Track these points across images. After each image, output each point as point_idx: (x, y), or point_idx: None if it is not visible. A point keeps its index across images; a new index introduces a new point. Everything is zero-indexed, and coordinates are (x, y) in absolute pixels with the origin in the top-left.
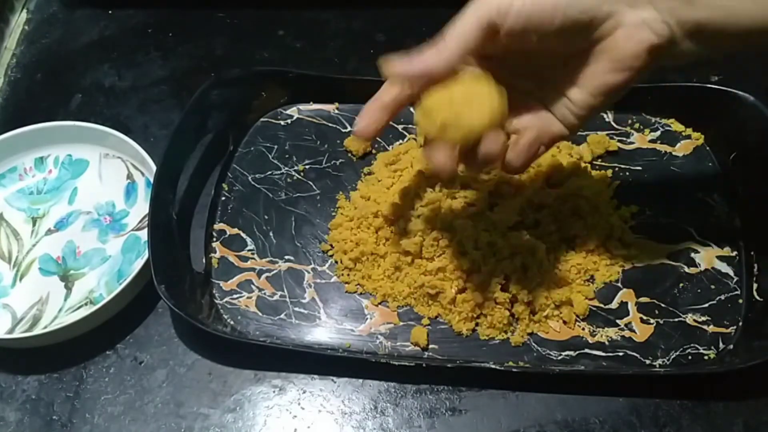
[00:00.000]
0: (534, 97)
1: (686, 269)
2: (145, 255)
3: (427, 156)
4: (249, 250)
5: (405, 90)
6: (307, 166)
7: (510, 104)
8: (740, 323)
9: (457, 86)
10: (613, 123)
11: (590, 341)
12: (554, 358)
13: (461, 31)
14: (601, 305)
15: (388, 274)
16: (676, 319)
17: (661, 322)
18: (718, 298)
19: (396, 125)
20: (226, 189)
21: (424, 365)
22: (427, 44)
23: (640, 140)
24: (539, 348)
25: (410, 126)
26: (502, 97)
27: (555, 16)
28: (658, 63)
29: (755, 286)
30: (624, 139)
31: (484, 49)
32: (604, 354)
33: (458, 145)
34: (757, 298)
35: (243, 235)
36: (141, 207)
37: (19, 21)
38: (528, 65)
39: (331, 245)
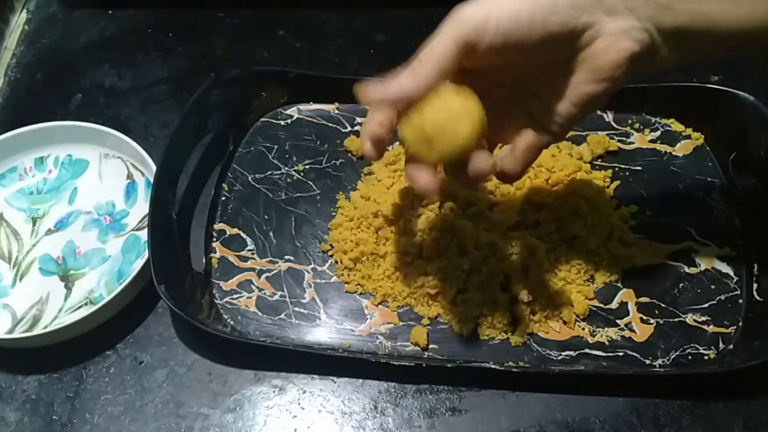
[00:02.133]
0: (516, 106)
1: (686, 269)
2: (145, 255)
3: (409, 176)
4: (249, 250)
5: (388, 113)
6: (307, 166)
7: (493, 114)
8: (740, 323)
9: (436, 103)
10: (613, 123)
11: (590, 341)
12: (554, 358)
13: (437, 51)
14: (601, 305)
15: (388, 274)
16: (676, 319)
17: (661, 322)
18: (718, 298)
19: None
20: (226, 189)
21: (424, 365)
22: (402, 66)
23: (640, 140)
24: (539, 348)
25: None
26: (481, 112)
27: (533, 30)
28: (641, 69)
29: (755, 286)
30: (624, 139)
31: (462, 65)
32: (604, 354)
33: (441, 162)
34: (757, 298)
35: (243, 235)
36: (141, 207)
37: (19, 21)
38: (508, 76)
39: (331, 245)
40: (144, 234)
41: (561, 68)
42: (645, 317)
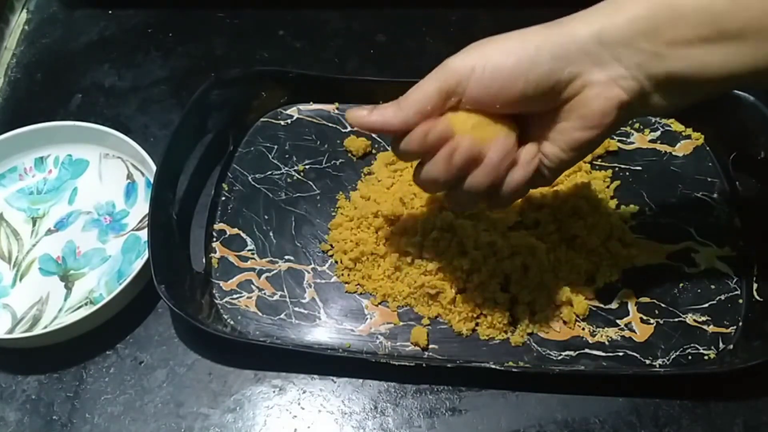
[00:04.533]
0: None
1: (686, 269)
2: (145, 255)
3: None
4: (249, 250)
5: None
6: (307, 166)
7: None
8: (740, 323)
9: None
10: None
11: (590, 341)
12: (554, 358)
13: (421, 96)
14: (601, 305)
15: (388, 274)
16: (676, 319)
17: (661, 322)
18: (718, 298)
19: None
20: (226, 189)
21: (424, 365)
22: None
23: (640, 140)
24: (539, 348)
25: None
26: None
27: (515, 82)
28: (629, 118)
29: (755, 286)
30: (624, 139)
31: (452, 108)
32: (604, 354)
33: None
34: (757, 298)
35: (243, 235)
36: (141, 207)
37: (19, 21)
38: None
39: (331, 245)
40: (144, 234)
41: (550, 116)
42: (645, 317)
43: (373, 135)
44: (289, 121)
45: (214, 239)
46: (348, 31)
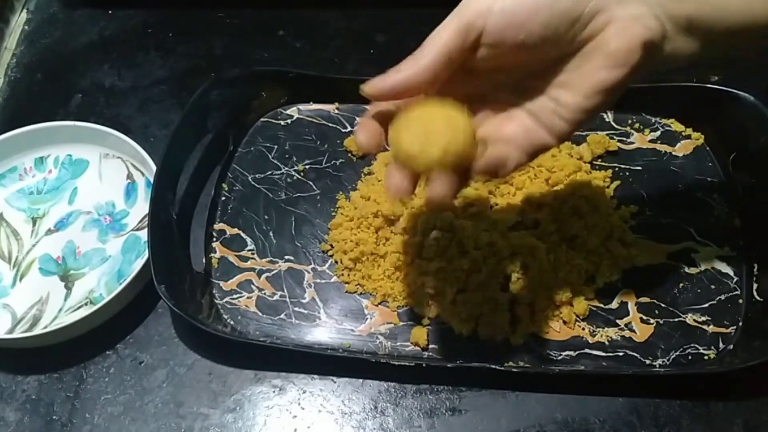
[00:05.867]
0: (518, 107)
1: (686, 269)
2: (145, 255)
3: (387, 173)
4: (249, 250)
5: (389, 106)
6: (307, 166)
7: (494, 117)
8: (740, 323)
9: (426, 115)
10: (613, 123)
11: (590, 341)
12: (554, 358)
13: (439, 37)
14: (601, 305)
15: (388, 274)
16: (676, 319)
17: (661, 322)
18: (718, 298)
19: None
20: (226, 189)
21: (424, 365)
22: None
23: (640, 140)
24: (539, 348)
25: None
26: (470, 128)
27: (538, 13)
28: (655, 62)
29: (755, 286)
30: (624, 139)
31: (465, 64)
32: (604, 354)
33: (427, 172)
34: (757, 298)
35: (243, 235)
36: (141, 207)
37: (19, 21)
38: (511, 77)
39: (331, 245)
40: (144, 234)
41: (569, 61)
42: (645, 317)
43: None
44: (289, 121)
45: (214, 239)
46: (348, 31)
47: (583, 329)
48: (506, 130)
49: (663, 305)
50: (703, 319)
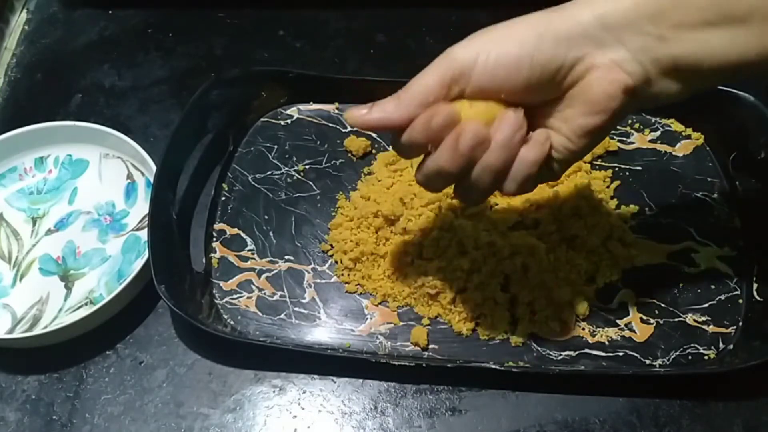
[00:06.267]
0: None
1: (686, 269)
2: (145, 255)
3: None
4: (249, 250)
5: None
6: (307, 166)
7: None
8: (740, 323)
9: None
10: None
11: (590, 341)
12: (554, 358)
13: (422, 88)
14: (601, 305)
15: (388, 274)
16: (676, 319)
17: (661, 322)
18: (718, 298)
19: None
20: (226, 189)
21: (424, 365)
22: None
23: (640, 140)
24: (539, 348)
25: None
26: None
27: (521, 69)
28: (639, 104)
29: (755, 286)
30: (624, 139)
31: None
32: (604, 354)
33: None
34: (757, 298)
35: (243, 235)
36: (141, 207)
37: (19, 21)
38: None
39: (331, 245)
40: (144, 234)
41: (555, 105)
42: (645, 317)
43: (373, 134)
44: (289, 121)
45: (214, 239)
46: (348, 31)
47: (583, 329)
48: None
49: (663, 305)
50: (703, 319)
